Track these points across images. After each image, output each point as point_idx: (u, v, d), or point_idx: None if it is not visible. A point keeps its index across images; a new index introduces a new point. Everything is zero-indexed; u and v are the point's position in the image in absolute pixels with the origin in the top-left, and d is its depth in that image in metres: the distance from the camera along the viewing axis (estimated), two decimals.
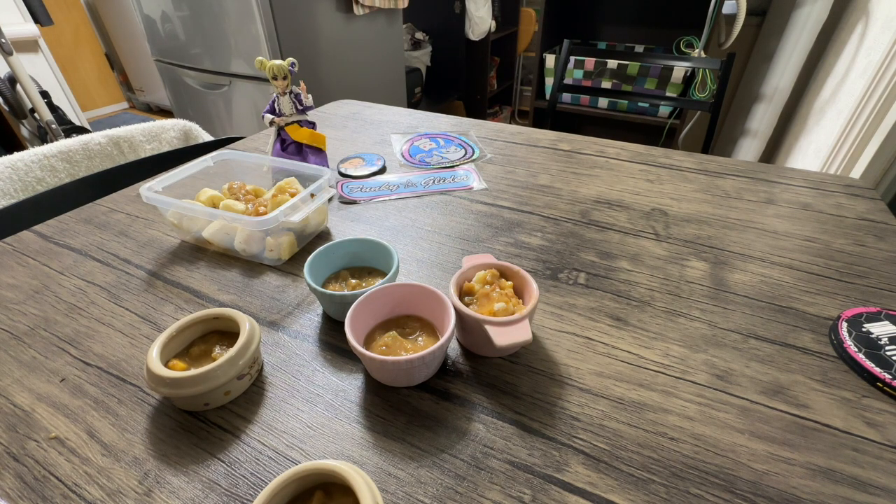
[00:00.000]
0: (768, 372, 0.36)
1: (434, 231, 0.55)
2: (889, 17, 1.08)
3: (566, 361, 0.38)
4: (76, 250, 0.52)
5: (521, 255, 0.50)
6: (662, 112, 2.06)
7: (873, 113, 1.05)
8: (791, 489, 0.29)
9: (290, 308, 0.44)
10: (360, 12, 1.56)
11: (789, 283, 0.46)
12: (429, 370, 0.36)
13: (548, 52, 2.21)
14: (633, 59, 1.25)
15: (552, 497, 0.29)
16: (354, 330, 0.35)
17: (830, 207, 0.58)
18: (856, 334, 0.38)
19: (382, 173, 0.69)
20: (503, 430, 0.33)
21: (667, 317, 0.42)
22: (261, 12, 1.30)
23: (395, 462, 0.31)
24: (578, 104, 2.22)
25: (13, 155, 0.70)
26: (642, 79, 1.96)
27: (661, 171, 0.68)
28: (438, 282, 0.47)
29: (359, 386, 0.36)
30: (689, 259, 0.49)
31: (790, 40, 1.59)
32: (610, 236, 0.53)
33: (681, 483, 0.29)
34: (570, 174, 0.68)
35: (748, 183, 0.65)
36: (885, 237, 0.52)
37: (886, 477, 0.29)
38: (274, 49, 1.36)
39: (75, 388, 0.36)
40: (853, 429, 0.32)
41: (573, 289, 0.45)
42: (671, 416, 0.33)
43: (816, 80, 1.49)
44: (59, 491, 0.29)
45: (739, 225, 0.55)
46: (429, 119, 0.89)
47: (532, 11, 2.46)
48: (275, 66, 0.58)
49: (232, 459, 0.31)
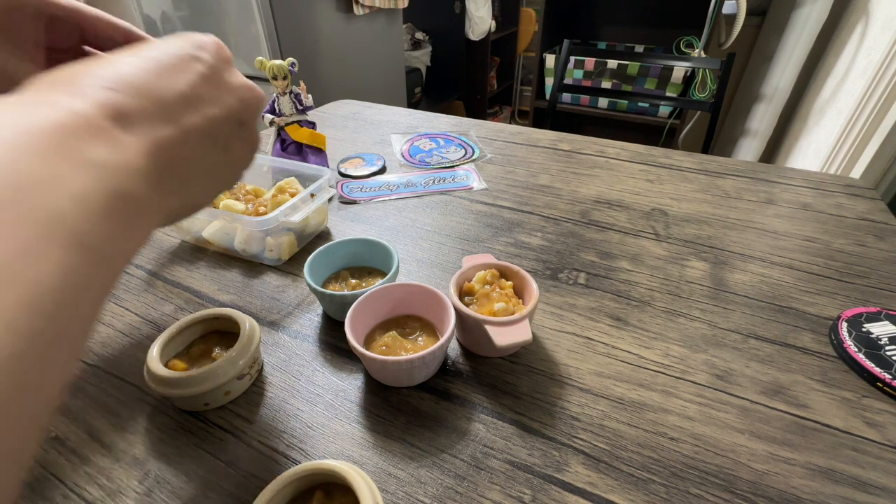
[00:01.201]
0: (768, 372, 0.36)
1: (434, 231, 0.55)
2: (889, 17, 1.08)
3: (566, 361, 0.38)
4: None
5: (521, 255, 0.50)
6: (662, 112, 2.06)
7: (873, 113, 1.05)
8: (791, 489, 0.29)
9: (290, 308, 0.44)
10: (360, 12, 1.56)
11: (789, 283, 0.46)
12: (429, 370, 0.36)
13: (548, 52, 2.21)
14: (633, 59, 1.25)
15: (552, 497, 0.29)
16: (354, 330, 0.35)
17: (830, 207, 0.58)
18: (856, 334, 0.38)
19: (382, 173, 0.69)
20: (503, 430, 0.33)
21: (667, 317, 0.42)
22: (261, 12, 1.30)
23: (395, 462, 0.31)
24: (578, 104, 2.23)
25: None
26: (642, 79, 1.96)
27: (661, 171, 0.68)
28: (438, 282, 0.47)
29: (359, 386, 0.36)
30: (689, 259, 0.49)
31: (790, 40, 1.60)
32: (610, 236, 0.53)
33: (681, 483, 0.29)
34: (570, 174, 0.68)
35: (748, 183, 0.65)
36: (885, 237, 0.52)
37: (886, 477, 0.29)
38: (274, 49, 1.36)
39: (75, 388, 0.36)
40: (853, 429, 0.32)
41: (573, 289, 0.45)
42: (671, 416, 0.33)
43: (816, 80, 1.49)
44: (59, 491, 0.29)
45: (739, 225, 0.55)
46: (429, 119, 0.89)
47: (532, 11, 2.46)
48: (275, 66, 0.58)
49: (232, 459, 0.31)
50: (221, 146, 0.24)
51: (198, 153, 0.22)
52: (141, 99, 0.19)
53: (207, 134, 0.22)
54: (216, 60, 0.23)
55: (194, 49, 0.22)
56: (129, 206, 0.17)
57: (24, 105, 0.16)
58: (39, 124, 0.15)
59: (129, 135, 0.18)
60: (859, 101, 1.10)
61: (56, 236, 0.14)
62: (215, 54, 0.23)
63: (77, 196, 0.15)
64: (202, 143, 0.22)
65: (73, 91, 0.17)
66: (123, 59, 0.20)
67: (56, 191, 0.14)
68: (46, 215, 0.14)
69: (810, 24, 1.44)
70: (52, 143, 0.15)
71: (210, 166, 0.24)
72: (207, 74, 0.22)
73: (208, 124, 0.22)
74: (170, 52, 0.21)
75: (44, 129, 0.15)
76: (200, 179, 0.23)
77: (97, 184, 0.16)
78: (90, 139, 0.16)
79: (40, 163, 0.14)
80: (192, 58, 0.22)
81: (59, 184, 0.14)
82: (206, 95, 0.22)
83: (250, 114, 0.25)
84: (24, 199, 0.13)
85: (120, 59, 0.20)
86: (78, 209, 0.15)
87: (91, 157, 0.16)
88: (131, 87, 0.19)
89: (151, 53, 0.20)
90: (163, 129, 0.20)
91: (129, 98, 0.18)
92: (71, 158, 0.15)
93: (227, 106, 0.23)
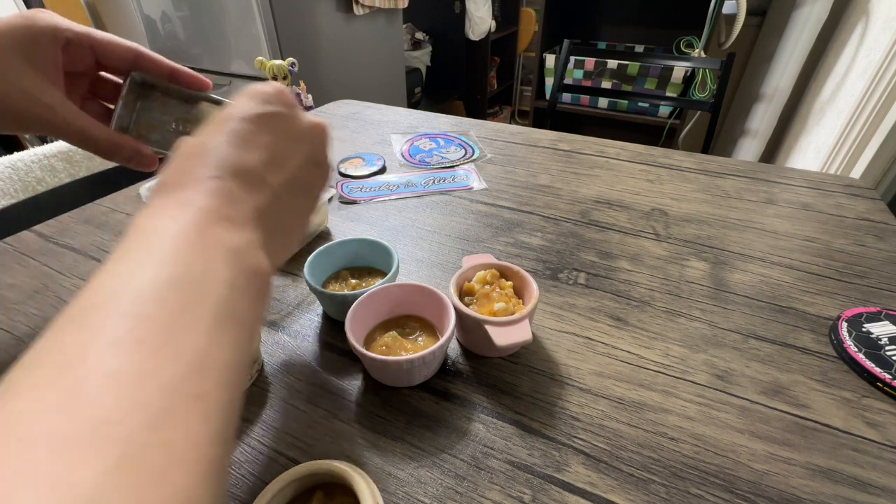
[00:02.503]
0: (768, 372, 0.36)
1: (434, 231, 0.55)
2: (889, 17, 1.08)
3: (566, 361, 0.38)
4: (76, 250, 0.52)
5: (521, 255, 0.50)
6: (662, 112, 2.06)
7: (873, 113, 1.05)
8: (791, 489, 0.29)
9: (290, 308, 0.44)
10: (360, 12, 1.56)
11: (789, 283, 0.46)
12: (429, 370, 0.36)
13: (548, 52, 2.21)
14: (633, 59, 1.25)
15: (552, 497, 0.29)
16: (354, 330, 0.35)
17: (830, 207, 0.58)
18: (856, 334, 0.38)
19: (382, 173, 0.69)
20: (503, 430, 0.33)
21: (667, 317, 0.42)
22: (261, 12, 1.30)
23: (395, 462, 0.31)
24: (578, 104, 2.22)
25: (13, 155, 0.70)
26: (642, 79, 1.96)
27: (661, 171, 0.68)
28: (438, 282, 0.47)
29: (359, 386, 0.36)
30: (689, 259, 0.49)
31: (790, 40, 1.60)
32: (610, 236, 0.53)
33: (681, 483, 0.29)
34: (570, 174, 0.68)
35: (748, 183, 0.65)
36: (885, 237, 0.52)
37: (886, 477, 0.29)
38: (274, 49, 1.36)
39: None
40: (853, 429, 0.32)
41: (573, 289, 0.45)
42: (671, 416, 0.33)
43: (816, 80, 1.49)
44: None
45: (739, 225, 0.55)
46: (429, 119, 0.89)
47: (532, 11, 2.46)
48: (275, 66, 0.58)
49: (232, 459, 0.31)
50: (306, 190, 0.26)
51: (290, 204, 0.24)
52: (238, 176, 0.21)
53: (293, 185, 0.24)
54: (285, 109, 0.25)
55: (263, 106, 0.24)
56: (256, 275, 0.20)
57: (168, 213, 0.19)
58: (185, 228, 0.18)
59: (241, 212, 0.21)
60: (859, 101, 1.10)
61: (226, 320, 0.17)
62: (282, 104, 0.25)
63: (228, 281, 0.18)
64: (291, 194, 0.24)
65: (193, 188, 0.20)
66: (212, 143, 0.22)
67: (216, 282, 0.17)
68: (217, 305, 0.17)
69: (810, 24, 1.44)
70: (199, 242, 0.18)
71: (300, 212, 0.26)
72: (282, 128, 0.24)
73: (293, 175, 0.24)
74: (245, 118, 0.23)
75: (189, 231, 0.18)
76: (294, 227, 0.26)
77: (236, 265, 0.19)
78: (220, 228, 0.19)
79: (199, 262, 0.17)
80: (265, 116, 0.24)
81: (216, 275, 0.18)
82: (285, 150, 0.24)
83: (323, 151, 0.27)
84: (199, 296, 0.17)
85: (210, 142, 0.22)
86: (232, 291, 0.18)
87: (226, 243, 0.19)
88: (228, 168, 0.21)
89: (231, 126, 0.23)
90: (261, 195, 0.22)
91: (230, 179, 0.21)
92: (215, 250, 0.18)
93: (304, 153, 0.25)
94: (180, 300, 0.16)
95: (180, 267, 0.17)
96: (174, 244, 0.17)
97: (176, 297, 0.16)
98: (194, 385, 0.14)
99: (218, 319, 0.16)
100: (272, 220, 0.23)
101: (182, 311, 0.16)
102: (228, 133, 0.22)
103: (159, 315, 0.15)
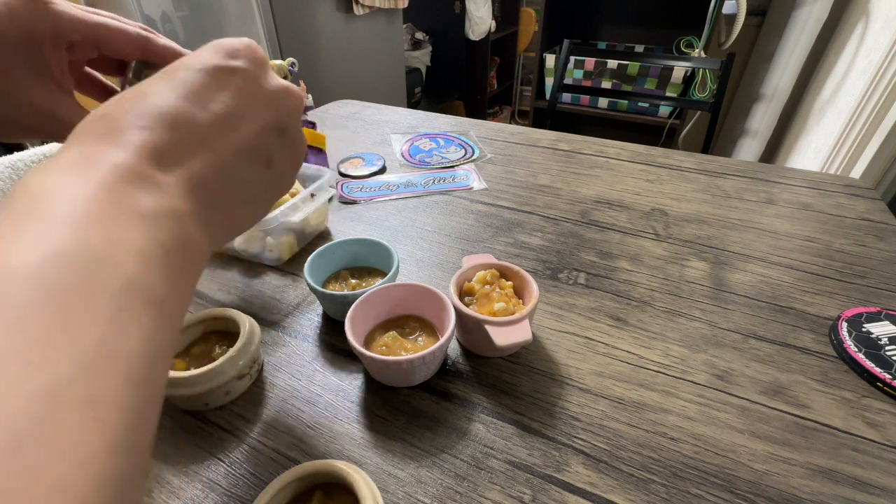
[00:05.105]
0: (768, 372, 0.36)
1: (434, 231, 0.55)
2: (889, 17, 1.08)
3: (566, 361, 0.38)
4: None
5: (521, 255, 0.50)
6: (662, 112, 2.06)
7: (873, 113, 1.05)
8: (791, 489, 0.29)
9: (290, 308, 0.44)
10: (360, 12, 1.56)
11: (789, 283, 0.46)
12: (429, 370, 0.36)
13: (548, 52, 2.21)
14: (633, 59, 1.25)
15: (552, 497, 0.29)
16: (354, 330, 0.35)
17: (830, 207, 0.58)
18: (856, 334, 0.38)
19: (382, 173, 0.69)
20: (503, 430, 0.33)
21: (667, 317, 0.42)
22: (261, 12, 1.30)
23: (395, 462, 0.31)
24: (578, 104, 2.23)
25: (13, 155, 0.70)
26: (642, 79, 1.96)
27: (661, 171, 0.68)
28: (438, 282, 0.47)
29: (359, 386, 0.36)
30: (689, 259, 0.49)
31: (790, 40, 1.60)
32: (610, 236, 0.53)
33: (681, 483, 0.29)
34: (570, 174, 0.68)
35: (748, 183, 0.65)
36: (885, 237, 0.52)
37: (886, 477, 0.29)
38: (274, 49, 1.36)
39: None
40: (853, 429, 0.32)
41: (573, 289, 0.45)
42: (671, 416, 0.33)
43: (816, 80, 1.49)
44: None
45: (739, 225, 0.55)
46: (429, 119, 0.89)
47: (532, 11, 2.46)
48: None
49: (232, 459, 0.31)
50: (263, 162, 0.22)
51: (239, 175, 0.21)
52: (175, 131, 0.18)
53: (247, 152, 0.21)
54: (250, 66, 0.22)
55: (226, 59, 0.21)
56: (181, 250, 0.17)
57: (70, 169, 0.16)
58: (89, 191, 0.15)
59: (170, 175, 0.18)
60: (859, 101, 1.10)
61: (134, 303, 0.14)
62: (249, 59, 0.22)
63: (140, 254, 0.15)
64: (242, 163, 0.21)
65: (112, 139, 0.17)
66: (155, 89, 0.19)
67: (122, 256, 0.14)
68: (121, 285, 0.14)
69: (810, 24, 1.44)
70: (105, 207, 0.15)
71: (253, 186, 0.22)
72: (242, 86, 0.21)
73: (247, 142, 0.21)
74: (201, 68, 0.20)
75: (94, 194, 0.15)
76: (244, 202, 0.22)
77: (152, 236, 0.16)
78: (136, 191, 0.16)
79: (100, 231, 0.14)
80: (225, 70, 0.21)
81: (122, 248, 0.14)
82: (241, 110, 0.21)
83: (290, 120, 0.24)
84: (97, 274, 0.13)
85: (152, 88, 0.19)
86: (143, 268, 0.15)
87: (141, 209, 0.16)
88: (164, 121, 0.18)
89: (182, 75, 0.20)
90: (200, 160, 0.19)
91: (163, 133, 0.18)
92: (125, 217, 0.15)
93: (265, 118, 0.22)
94: (70, 280, 0.13)
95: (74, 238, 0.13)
96: (70, 209, 0.14)
97: (65, 277, 0.13)
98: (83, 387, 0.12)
99: (123, 302, 0.13)
100: (213, 190, 0.19)
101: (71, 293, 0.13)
102: (177, 81, 0.19)
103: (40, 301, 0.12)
